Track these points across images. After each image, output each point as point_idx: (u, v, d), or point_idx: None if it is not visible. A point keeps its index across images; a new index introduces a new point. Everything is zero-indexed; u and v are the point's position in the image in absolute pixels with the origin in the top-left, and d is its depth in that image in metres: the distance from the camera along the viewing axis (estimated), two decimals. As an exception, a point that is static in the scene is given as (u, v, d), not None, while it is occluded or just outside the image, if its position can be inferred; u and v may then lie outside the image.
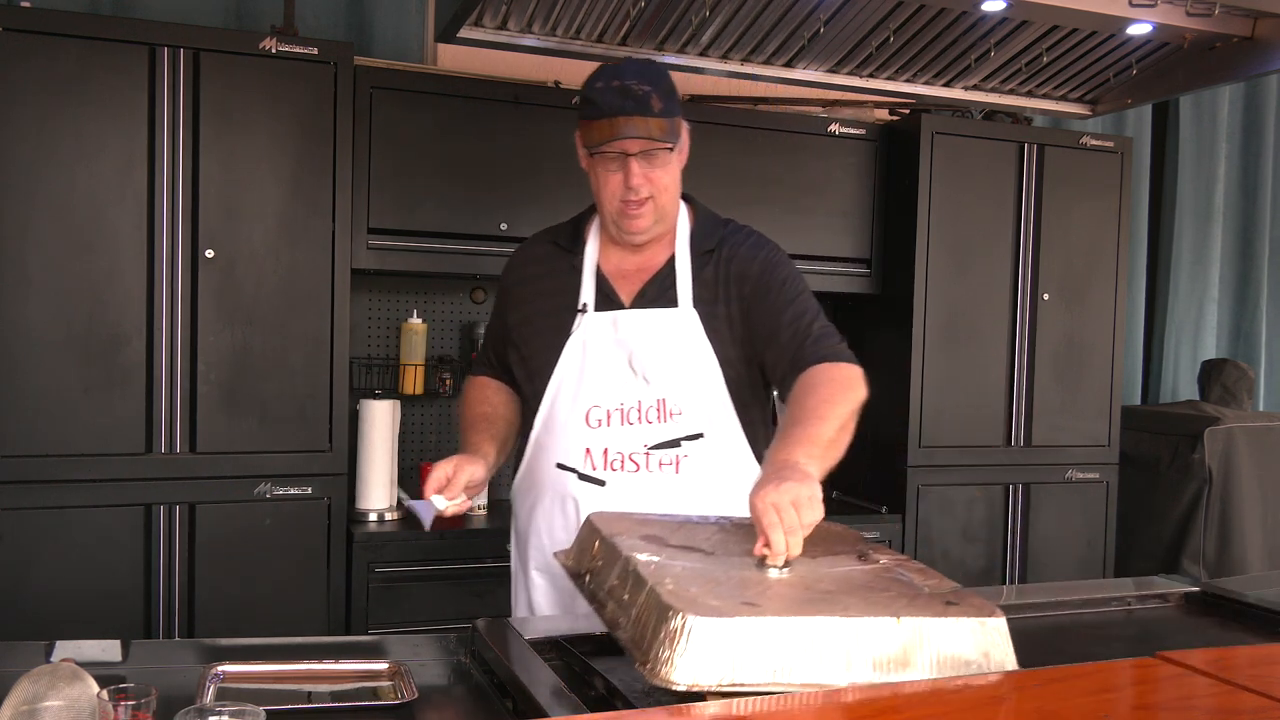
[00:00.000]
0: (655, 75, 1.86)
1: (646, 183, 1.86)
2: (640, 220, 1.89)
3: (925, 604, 1.31)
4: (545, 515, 1.95)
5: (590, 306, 1.92)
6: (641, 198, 1.86)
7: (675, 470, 1.88)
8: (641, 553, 1.41)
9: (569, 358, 1.92)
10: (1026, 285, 3.53)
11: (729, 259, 1.95)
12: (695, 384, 1.90)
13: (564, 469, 1.91)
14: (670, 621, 1.20)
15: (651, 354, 1.89)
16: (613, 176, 1.87)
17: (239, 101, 2.68)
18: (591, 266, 1.96)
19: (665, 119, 1.84)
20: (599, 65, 1.92)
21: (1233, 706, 1.20)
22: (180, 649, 1.72)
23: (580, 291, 1.94)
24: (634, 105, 1.81)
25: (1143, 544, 4.04)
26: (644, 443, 1.88)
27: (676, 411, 1.89)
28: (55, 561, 2.57)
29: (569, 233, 2.03)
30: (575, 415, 1.90)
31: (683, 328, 1.90)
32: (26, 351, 2.54)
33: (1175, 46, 2.67)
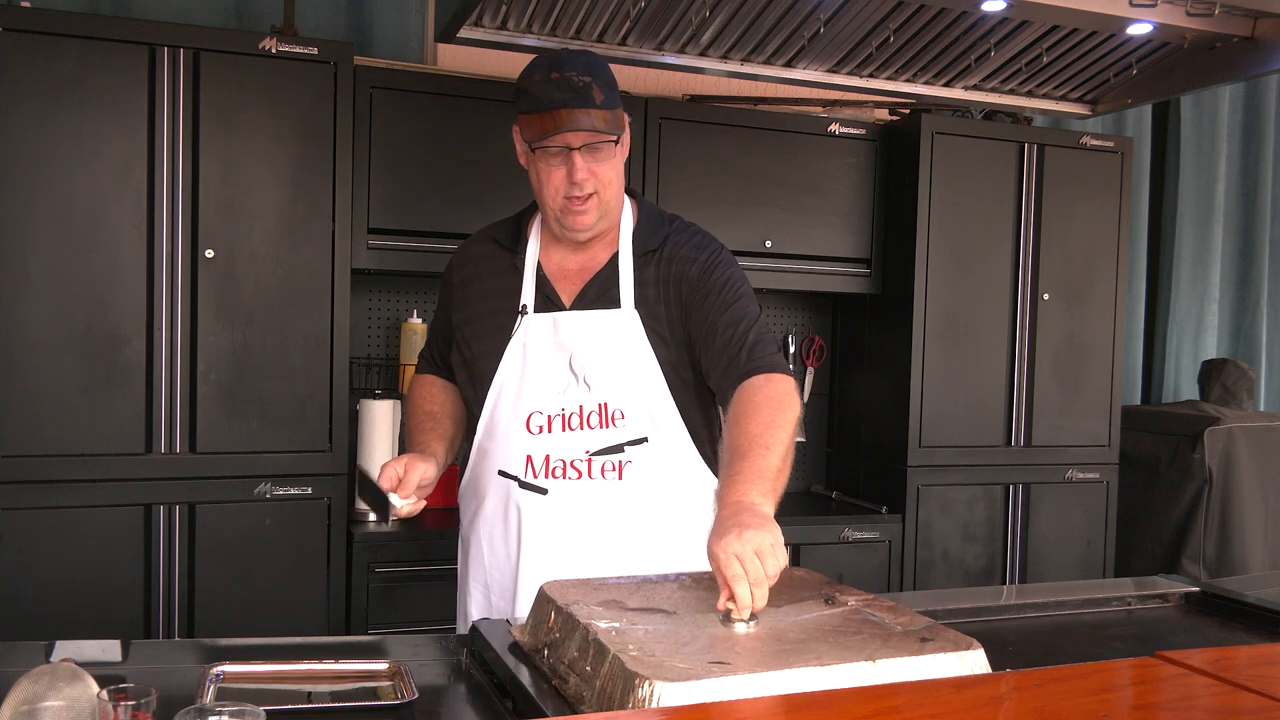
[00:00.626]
0: (595, 66, 1.78)
1: (591, 177, 1.79)
2: (584, 217, 1.82)
3: (900, 644, 1.30)
4: (486, 523, 1.93)
5: (530, 308, 1.86)
6: (586, 193, 1.80)
7: (619, 476, 1.83)
8: (601, 620, 1.35)
9: (510, 361, 1.86)
10: (1026, 285, 3.53)
11: (670, 259, 1.88)
12: (637, 387, 1.84)
13: (506, 476, 1.87)
14: (637, 690, 1.16)
15: (592, 357, 1.83)
16: (555, 171, 1.80)
17: (239, 101, 2.68)
18: (532, 266, 1.89)
19: (608, 110, 1.77)
20: (534, 57, 1.84)
21: (1233, 706, 1.20)
22: (180, 649, 1.72)
23: (521, 292, 1.88)
24: (576, 98, 1.74)
25: (1143, 544, 4.04)
26: (586, 449, 1.83)
27: (619, 416, 1.83)
28: (55, 561, 2.57)
29: (510, 231, 1.96)
30: (516, 421, 1.85)
31: (624, 329, 1.84)
32: (26, 351, 2.54)
33: (1175, 46, 2.67)
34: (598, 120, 1.75)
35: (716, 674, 1.19)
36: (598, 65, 1.78)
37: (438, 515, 3.18)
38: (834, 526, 3.34)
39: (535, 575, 1.77)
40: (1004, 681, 1.26)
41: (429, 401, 2.02)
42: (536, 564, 1.84)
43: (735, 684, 1.17)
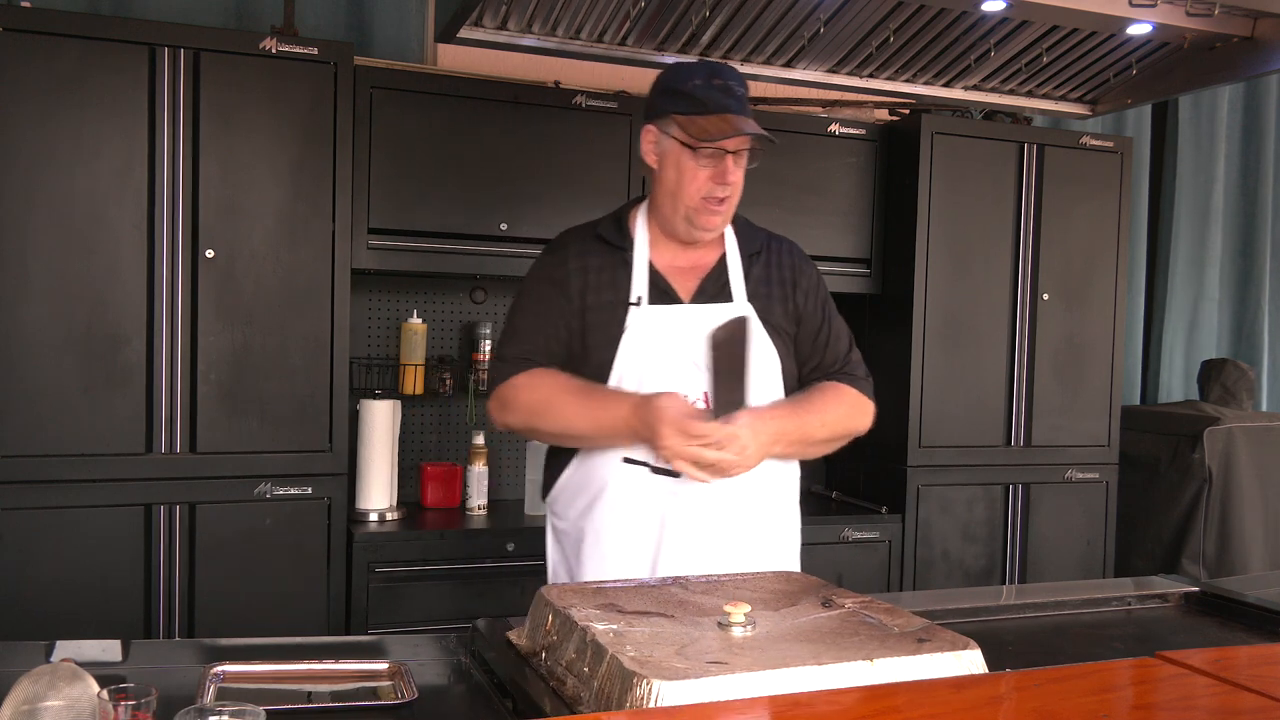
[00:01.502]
0: (742, 78, 1.90)
1: (738, 179, 1.90)
2: (716, 218, 1.91)
3: (897, 644, 1.31)
4: (610, 513, 1.91)
5: (644, 300, 1.92)
6: (724, 196, 1.89)
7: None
8: (598, 622, 1.36)
9: (628, 351, 1.90)
10: (1026, 285, 3.53)
11: (777, 263, 2.02)
12: (758, 374, 1.92)
13: (634, 463, 1.88)
14: (635, 689, 1.16)
15: None
16: (702, 172, 1.88)
17: (239, 101, 2.68)
18: (643, 261, 1.95)
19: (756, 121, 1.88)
20: (677, 64, 1.95)
21: (1232, 706, 1.20)
22: (180, 649, 1.72)
23: (631, 286, 1.93)
24: (738, 105, 1.85)
25: (1143, 544, 4.04)
26: None
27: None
28: (55, 561, 2.57)
29: (613, 228, 2.01)
30: None
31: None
32: (26, 351, 2.54)
33: (1175, 46, 2.67)
34: (758, 127, 1.85)
35: (714, 673, 1.18)
36: (743, 79, 1.91)
37: (438, 515, 3.19)
38: (834, 526, 3.34)
39: (673, 558, 1.87)
40: (1004, 681, 1.26)
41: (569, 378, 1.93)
42: (675, 547, 1.88)
43: (734, 683, 1.17)
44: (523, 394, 1.93)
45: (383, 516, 3.04)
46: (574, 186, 3.15)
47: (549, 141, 3.11)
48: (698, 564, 1.83)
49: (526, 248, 3.11)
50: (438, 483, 3.25)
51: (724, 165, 1.87)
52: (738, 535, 1.93)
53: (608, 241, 1.98)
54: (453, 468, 3.28)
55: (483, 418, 3.41)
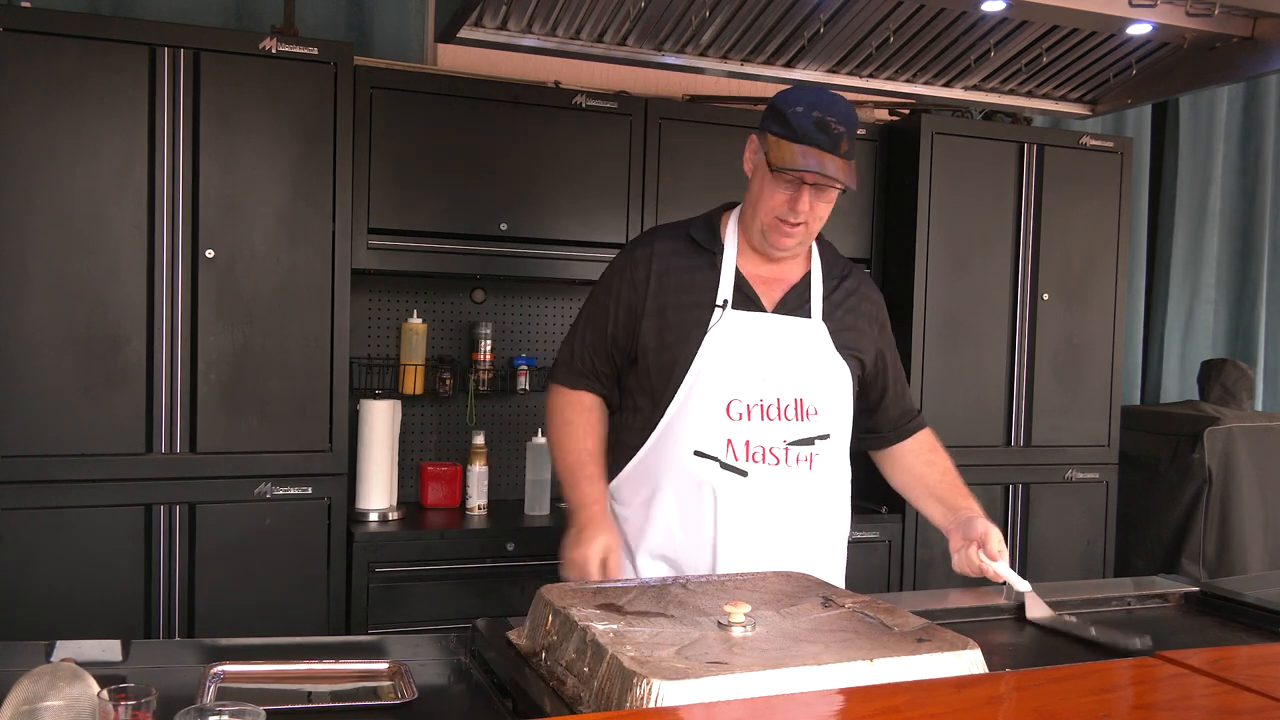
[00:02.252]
0: (852, 117, 1.93)
1: (809, 211, 1.94)
2: (789, 240, 1.97)
3: (897, 644, 1.31)
4: (675, 502, 1.98)
5: (730, 304, 1.99)
6: (798, 222, 1.95)
7: (809, 466, 1.99)
8: (598, 622, 1.36)
9: (709, 351, 1.96)
10: (1026, 285, 3.53)
11: (860, 294, 2.12)
12: (828, 388, 2.02)
13: (703, 457, 1.95)
14: (635, 689, 1.16)
15: (791, 356, 1.99)
16: (780, 193, 1.94)
17: (239, 101, 2.68)
18: (731, 266, 2.02)
19: (847, 162, 1.91)
20: (798, 86, 2.07)
21: (1232, 706, 1.20)
22: (180, 649, 1.72)
23: (719, 289, 2.00)
24: (828, 142, 1.88)
25: (1143, 544, 4.04)
26: (783, 438, 1.96)
27: (813, 411, 1.99)
28: (55, 561, 2.57)
29: (704, 230, 2.07)
30: (716, 406, 1.95)
31: (817, 337, 2.02)
32: (26, 351, 2.54)
33: (1175, 46, 2.67)
34: (839, 169, 1.88)
35: (714, 673, 1.18)
36: (853, 118, 1.93)
37: (438, 515, 3.19)
38: (834, 526, 3.34)
39: (732, 552, 1.95)
40: (1004, 681, 1.26)
41: (589, 433, 2.08)
42: (731, 544, 1.96)
43: (734, 683, 1.17)
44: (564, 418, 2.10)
45: (383, 516, 3.04)
46: (574, 186, 3.15)
47: (549, 141, 3.11)
48: (751, 556, 1.93)
49: (526, 248, 3.12)
50: (438, 483, 3.25)
51: (800, 194, 1.92)
52: (790, 532, 2.00)
53: (698, 243, 2.05)
54: (453, 468, 3.28)
55: (483, 418, 3.41)
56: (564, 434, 2.08)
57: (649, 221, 3.23)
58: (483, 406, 3.41)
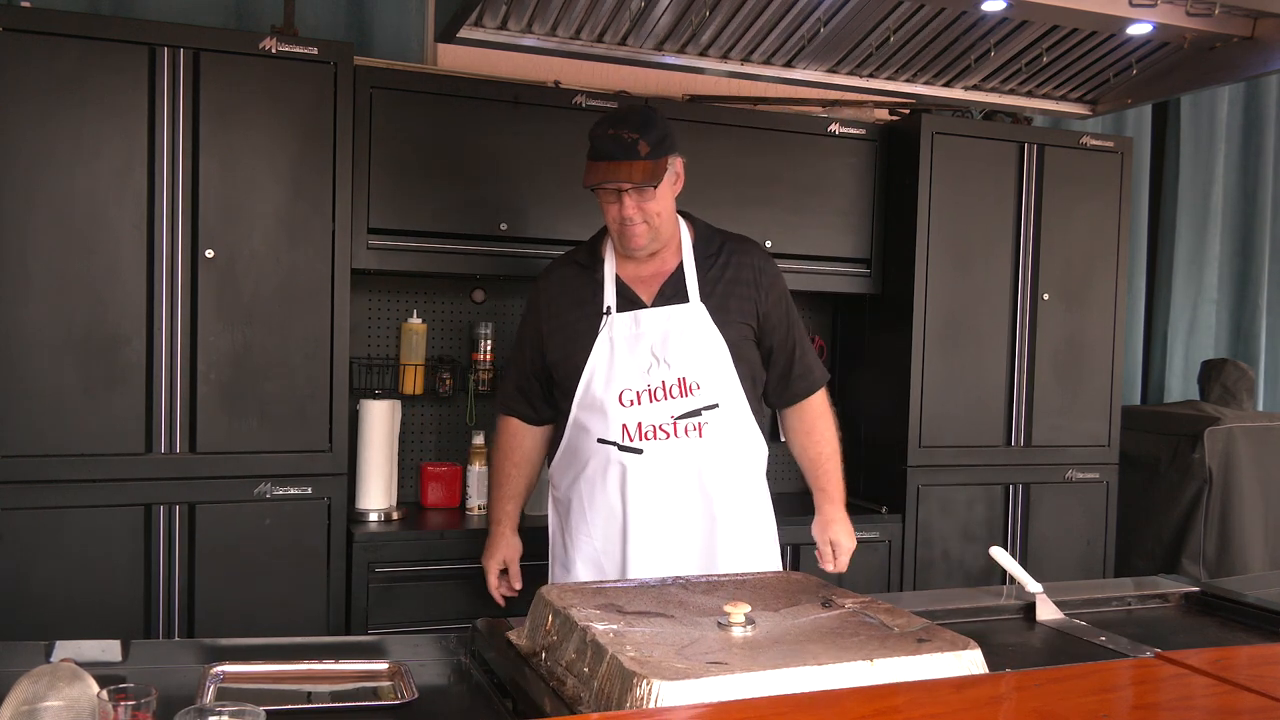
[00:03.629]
0: (646, 123, 2.21)
1: (638, 211, 2.22)
2: (637, 239, 2.25)
3: (897, 644, 1.31)
4: (588, 483, 2.30)
5: (614, 309, 2.29)
6: (635, 223, 2.22)
7: (699, 435, 2.26)
8: (598, 622, 1.37)
9: (599, 351, 2.27)
10: (1026, 285, 3.53)
11: (736, 263, 2.34)
12: (709, 363, 2.27)
13: (605, 443, 2.26)
14: (635, 689, 1.16)
15: (672, 341, 2.26)
16: (611, 206, 2.25)
17: (239, 101, 2.68)
18: (611, 276, 2.32)
19: (651, 160, 2.19)
20: (607, 113, 2.41)
21: (1232, 706, 1.20)
22: (180, 649, 1.72)
23: (604, 298, 2.30)
24: (622, 151, 2.18)
25: (1143, 544, 4.04)
26: (671, 414, 2.24)
27: (695, 386, 2.25)
28: (55, 561, 2.56)
29: (586, 253, 2.40)
30: (610, 397, 2.25)
31: (695, 319, 2.28)
32: (26, 351, 2.54)
33: (1175, 46, 2.67)
34: (638, 172, 2.18)
35: (714, 673, 1.18)
36: (649, 123, 2.22)
37: (439, 515, 3.19)
38: (834, 526, 3.33)
39: (640, 521, 2.25)
40: (1004, 681, 1.26)
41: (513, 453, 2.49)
42: (640, 512, 2.25)
43: (734, 683, 1.17)
44: (497, 444, 2.53)
45: (383, 517, 3.04)
46: (574, 186, 3.13)
47: (549, 141, 3.11)
48: (663, 528, 2.25)
49: (526, 248, 3.11)
50: (438, 483, 3.25)
51: (622, 200, 2.21)
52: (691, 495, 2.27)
53: (581, 264, 2.38)
54: (453, 468, 3.28)
55: (483, 418, 3.41)
56: (493, 458, 2.55)
57: (649, 221, 3.22)
58: (483, 406, 3.41)
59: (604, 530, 2.29)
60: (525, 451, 2.48)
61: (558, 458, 2.39)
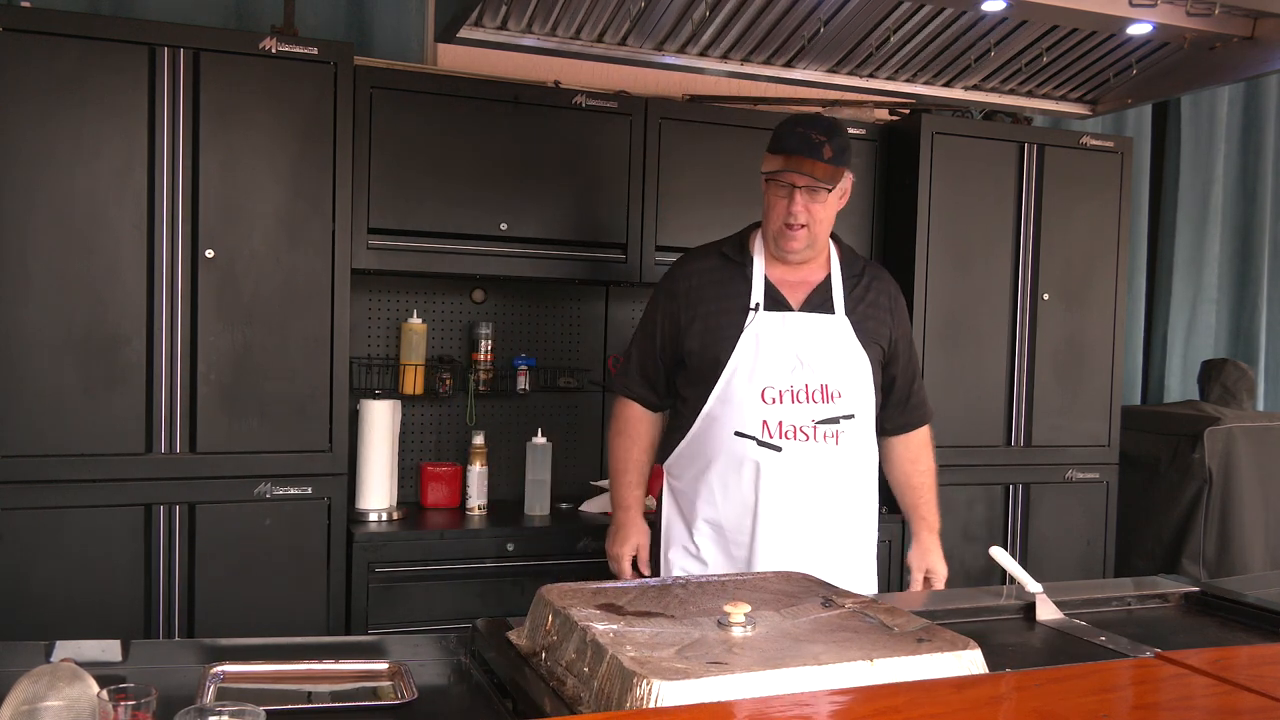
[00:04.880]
0: (834, 128, 2.26)
1: (804, 212, 2.24)
2: (795, 242, 2.28)
3: (897, 644, 1.31)
4: (720, 475, 2.30)
5: (761, 306, 2.30)
6: (798, 224, 2.25)
7: (836, 442, 2.30)
8: (598, 622, 1.37)
9: (745, 346, 2.28)
10: (1026, 285, 3.53)
11: (878, 289, 2.41)
12: (851, 374, 2.32)
13: (743, 436, 2.27)
14: (635, 689, 1.16)
15: (817, 347, 2.29)
16: (779, 201, 2.27)
17: (239, 101, 2.68)
18: (760, 274, 2.33)
19: (831, 166, 2.22)
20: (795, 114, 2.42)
21: (1232, 706, 1.20)
22: (180, 649, 1.72)
23: (751, 294, 2.31)
24: (808, 149, 2.21)
25: (1143, 544, 4.04)
26: (811, 418, 2.27)
27: (837, 395, 2.30)
28: (55, 561, 2.56)
29: (735, 246, 2.39)
30: (752, 393, 2.26)
31: (840, 330, 2.33)
32: (26, 351, 2.54)
33: (1175, 46, 2.67)
34: (819, 171, 2.21)
35: (714, 673, 1.18)
36: (836, 128, 2.27)
37: (438, 515, 3.19)
38: (834, 526, 3.34)
39: (770, 517, 2.27)
40: (1004, 681, 1.26)
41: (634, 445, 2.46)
42: (772, 508, 2.27)
43: (734, 683, 1.17)
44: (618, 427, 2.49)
45: (383, 517, 3.04)
46: (574, 186, 3.15)
47: (549, 141, 3.11)
48: (791, 527, 2.27)
49: (526, 248, 3.11)
50: (438, 483, 3.25)
51: (793, 198, 2.23)
52: (821, 500, 2.30)
53: (729, 257, 2.37)
54: (453, 468, 3.28)
55: (483, 418, 3.41)
56: (616, 443, 2.49)
57: (649, 221, 3.23)
58: (483, 406, 3.41)
59: (736, 523, 2.31)
60: (650, 437, 2.47)
61: (682, 448, 2.38)
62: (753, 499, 2.28)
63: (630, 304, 3.59)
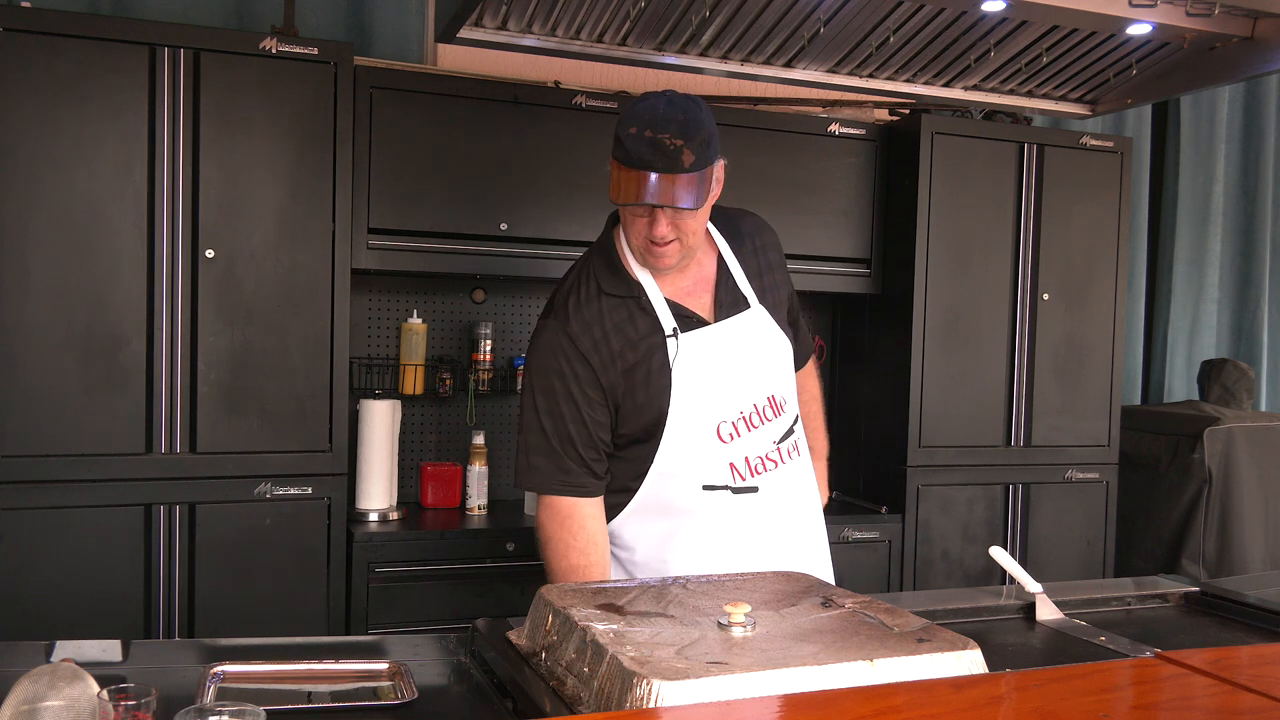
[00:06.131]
0: (691, 125, 1.77)
1: (672, 229, 1.83)
2: (666, 259, 1.88)
3: (897, 644, 1.30)
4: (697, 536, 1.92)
5: (678, 331, 1.90)
6: (666, 241, 1.84)
7: (798, 453, 2.00)
8: (598, 622, 1.36)
9: (681, 383, 1.88)
10: (1026, 285, 3.53)
11: (753, 248, 2.03)
12: (785, 371, 2.00)
13: (713, 489, 1.91)
14: (635, 689, 1.16)
15: (750, 357, 1.94)
16: (639, 220, 1.85)
17: (239, 102, 2.68)
18: (658, 296, 1.92)
19: (696, 173, 1.78)
20: (641, 97, 1.83)
21: (1233, 706, 1.20)
22: (180, 649, 1.72)
23: (660, 322, 1.91)
24: (664, 161, 1.75)
25: (1143, 544, 4.04)
26: (772, 440, 1.94)
27: (784, 402, 1.98)
28: (55, 561, 2.57)
29: (610, 278, 1.94)
30: (706, 434, 1.89)
31: (762, 325, 1.98)
32: (26, 351, 2.54)
33: (1175, 47, 2.67)
34: (681, 189, 1.76)
35: (715, 674, 1.18)
36: (694, 124, 1.77)
37: (438, 515, 3.19)
38: (834, 526, 3.31)
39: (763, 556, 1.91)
40: (1004, 681, 1.26)
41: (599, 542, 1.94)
42: (763, 547, 1.93)
43: (734, 683, 1.17)
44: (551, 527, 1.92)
45: (383, 517, 3.04)
46: (574, 186, 3.15)
47: (549, 141, 3.11)
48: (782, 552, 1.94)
49: (526, 248, 3.11)
50: (438, 483, 3.25)
51: (656, 217, 1.81)
52: (803, 519, 2.02)
53: (613, 294, 1.92)
54: (453, 468, 3.28)
55: (483, 418, 3.41)
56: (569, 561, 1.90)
57: (649, 221, 3.22)
58: (483, 406, 3.41)
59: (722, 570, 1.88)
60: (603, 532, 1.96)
61: (628, 512, 1.96)
62: (740, 548, 1.92)
63: (630, 304, 3.59)
